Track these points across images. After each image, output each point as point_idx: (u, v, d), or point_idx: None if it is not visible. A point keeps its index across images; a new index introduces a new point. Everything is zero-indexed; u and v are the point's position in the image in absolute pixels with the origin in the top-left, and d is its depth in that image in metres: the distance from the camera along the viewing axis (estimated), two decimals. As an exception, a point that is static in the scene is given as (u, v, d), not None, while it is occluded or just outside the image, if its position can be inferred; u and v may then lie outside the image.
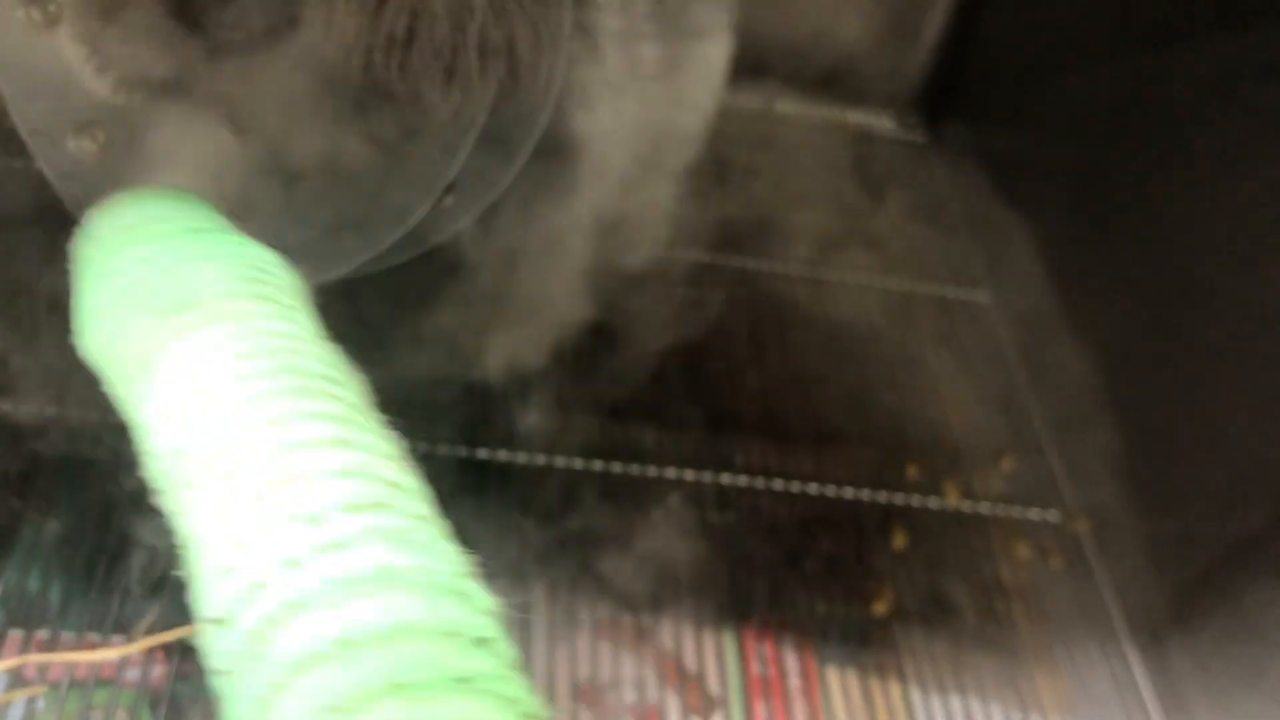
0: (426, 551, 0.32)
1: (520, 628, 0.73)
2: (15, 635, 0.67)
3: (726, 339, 0.97)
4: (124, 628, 0.69)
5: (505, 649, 0.31)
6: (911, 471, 0.87)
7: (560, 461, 0.83)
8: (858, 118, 1.24)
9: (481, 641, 0.30)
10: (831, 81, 1.22)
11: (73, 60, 0.57)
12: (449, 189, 0.63)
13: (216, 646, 0.31)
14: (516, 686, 0.29)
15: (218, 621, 0.31)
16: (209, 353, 0.38)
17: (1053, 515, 0.87)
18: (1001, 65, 1.14)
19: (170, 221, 0.46)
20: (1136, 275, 0.90)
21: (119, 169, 0.59)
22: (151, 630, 0.69)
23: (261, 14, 0.51)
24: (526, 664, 0.71)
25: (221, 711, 0.31)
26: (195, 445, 0.35)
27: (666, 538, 0.80)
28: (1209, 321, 0.80)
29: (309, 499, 0.32)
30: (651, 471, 0.84)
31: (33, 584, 0.70)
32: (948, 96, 1.22)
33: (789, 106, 1.23)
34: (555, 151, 0.69)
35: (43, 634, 0.68)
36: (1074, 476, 0.90)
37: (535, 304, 0.85)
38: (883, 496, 0.85)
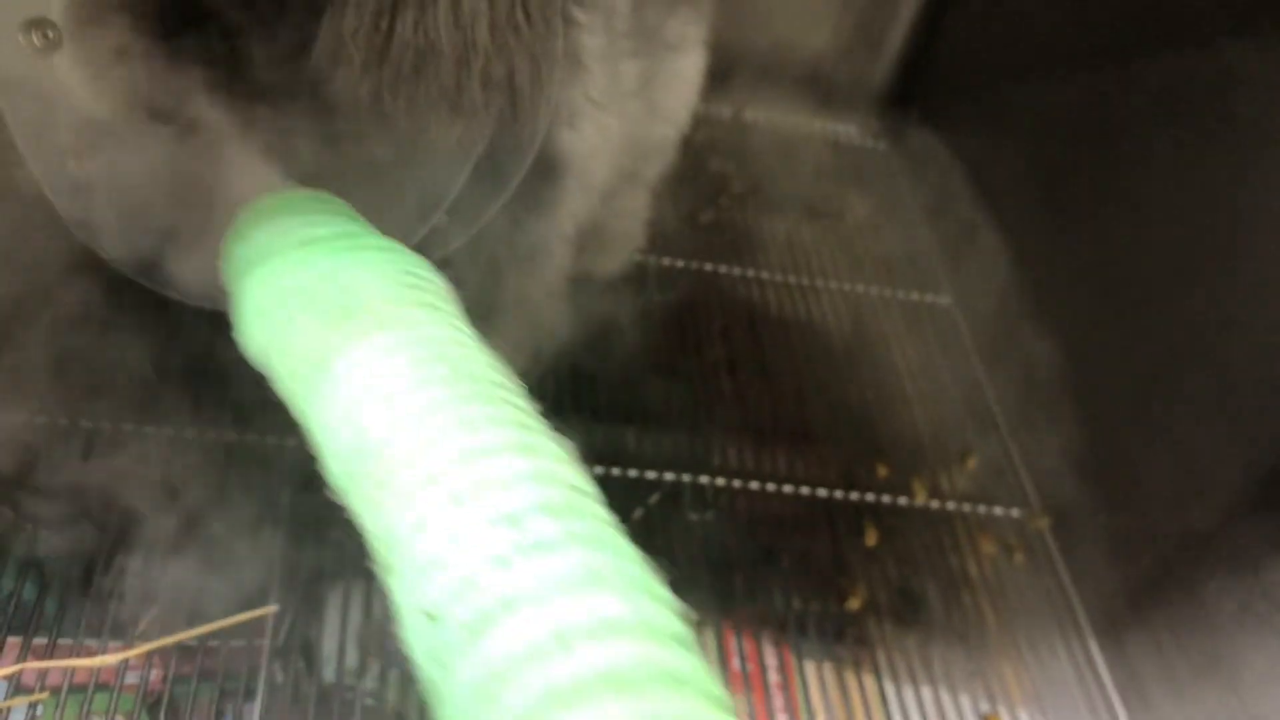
0: (618, 553, 0.34)
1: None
2: (13, 642, 0.68)
3: (700, 342, 0.99)
4: (121, 633, 0.70)
5: (697, 647, 0.32)
6: (882, 471, 0.90)
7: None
8: (824, 124, 1.27)
9: (680, 639, 0.32)
10: (799, 89, 1.25)
11: (73, 83, 0.58)
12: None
13: (425, 639, 0.33)
14: (717, 683, 0.31)
15: (429, 616, 0.33)
16: (385, 357, 0.40)
17: (1016, 512, 0.91)
18: (964, 72, 1.17)
19: (323, 225, 0.48)
20: (1096, 277, 0.93)
21: (119, 189, 0.60)
22: (147, 634, 0.70)
23: (269, 45, 0.52)
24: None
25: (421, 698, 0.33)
26: (386, 447, 0.37)
27: (646, 537, 0.82)
28: (1167, 322, 0.84)
29: (507, 501, 0.34)
30: (631, 473, 0.86)
31: (28, 591, 0.71)
32: (911, 103, 1.25)
33: (757, 113, 1.26)
34: (539, 166, 0.71)
35: (40, 640, 0.69)
36: (1036, 474, 0.94)
37: (516, 311, 0.87)
38: (854, 496, 0.88)
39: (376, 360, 0.40)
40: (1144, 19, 0.91)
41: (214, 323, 0.59)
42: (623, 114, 0.81)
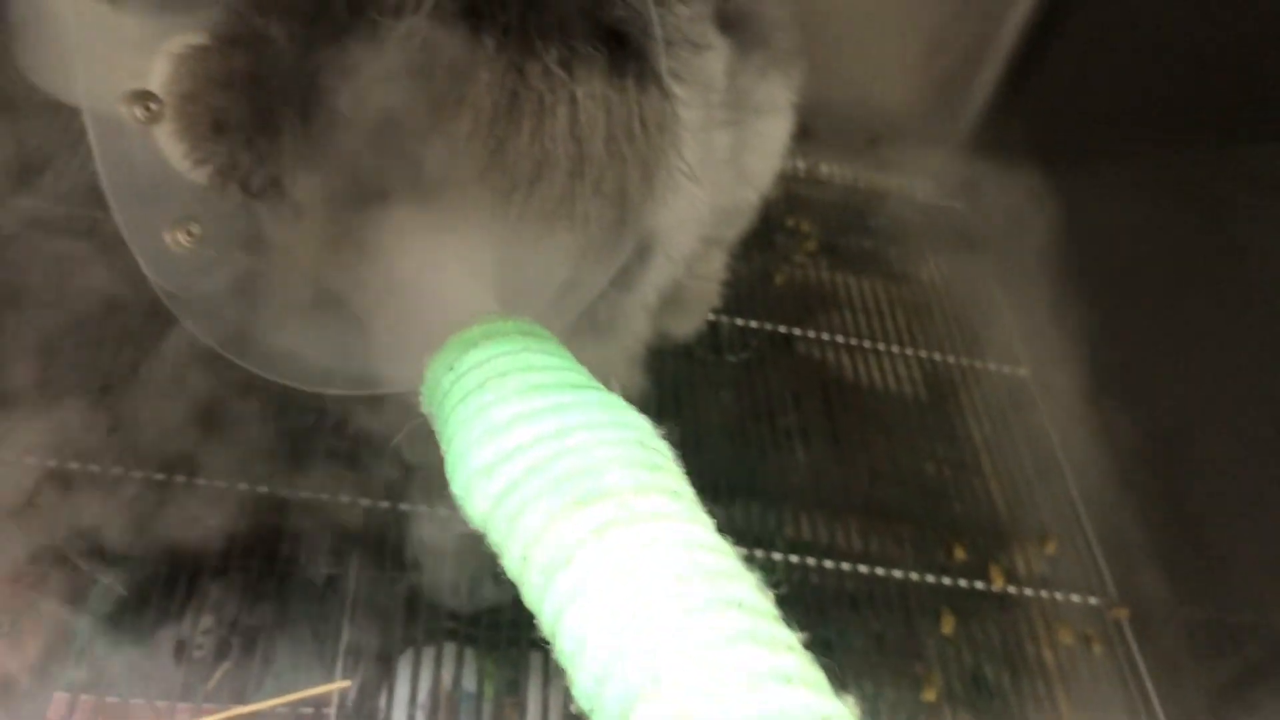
0: None
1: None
2: (87, 700, 0.68)
3: (773, 408, 0.98)
4: (191, 693, 0.69)
5: None
6: (959, 554, 0.88)
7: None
8: (902, 181, 1.25)
9: None
10: (877, 144, 1.24)
11: (172, 156, 0.58)
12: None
13: None
14: None
15: None
16: (635, 558, 0.37)
17: (1094, 600, 0.89)
18: (1047, 135, 1.15)
19: (543, 370, 0.45)
20: (1184, 357, 0.91)
21: (212, 263, 0.60)
22: (218, 694, 0.70)
23: (378, 133, 0.52)
24: None
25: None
26: (635, 659, 0.35)
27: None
28: (1260, 408, 0.81)
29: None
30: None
31: (101, 648, 0.70)
32: (991, 164, 1.23)
33: (833, 169, 1.24)
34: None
35: (113, 700, 0.68)
36: (1115, 561, 0.91)
37: (592, 375, 0.86)
38: (930, 578, 0.86)
39: (628, 561, 0.38)
40: (1242, 95, 0.89)
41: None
42: (712, 183, 0.80)
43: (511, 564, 0.41)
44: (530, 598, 0.40)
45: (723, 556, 0.39)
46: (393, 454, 0.78)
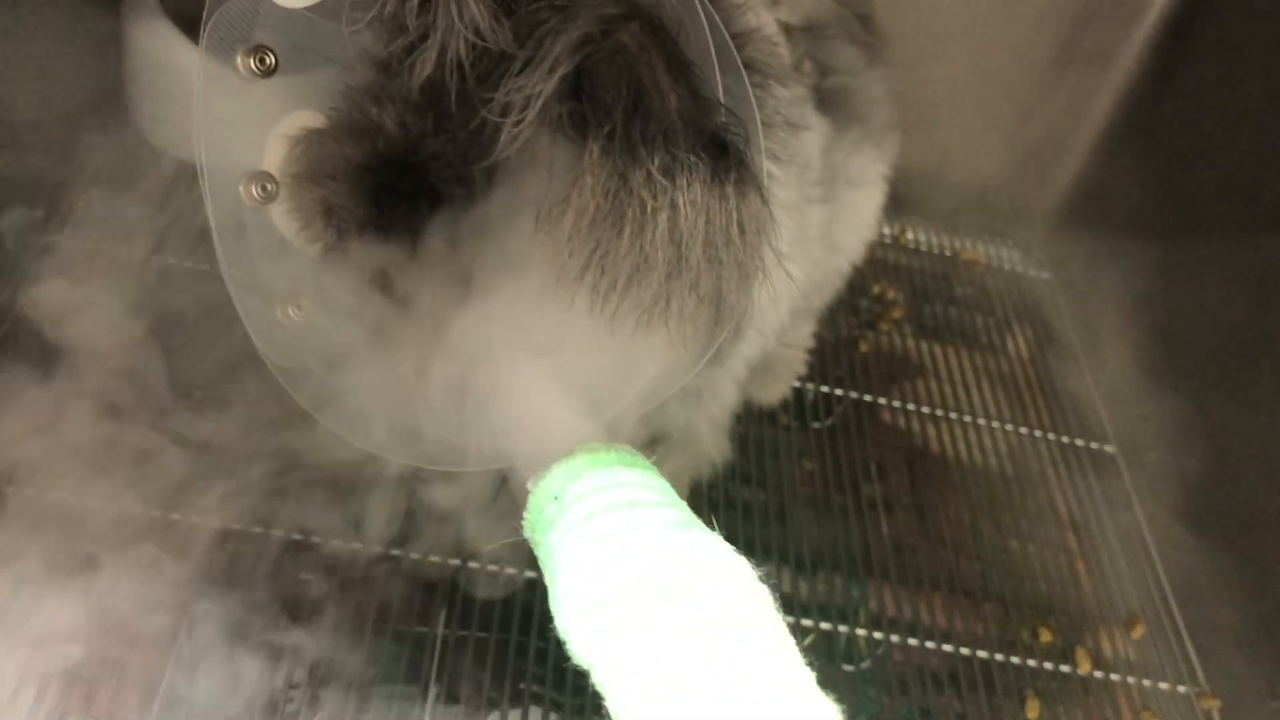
0: None
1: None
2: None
3: (856, 478, 0.97)
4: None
5: None
6: (1045, 636, 0.87)
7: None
8: (989, 249, 1.25)
9: None
10: (964, 212, 1.24)
11: (286, 231, 0.60)
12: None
13: None
14: None
15: None
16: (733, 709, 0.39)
17: (1183, 688, 0.87)
18: (1138, 214, 1.14)
19: (648, 507, 0.46)
20: (1272, 444, 0.89)
21: (320, 339, 0.62)
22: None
23: (482, 227, 0.53)
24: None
25: None
26: None
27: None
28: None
29: None
30: (786, 618, 0.84)
31: (195, 698, 0.72)
32: (1081, 235, 1.22)
33: (920, 235, 1.24)
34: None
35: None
36: (1205, 648, 0.89)
37: (680, 442, 0.87)
38: (1015, 659, 0.85)
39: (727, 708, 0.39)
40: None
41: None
42: (805, 258, 0.80)
43: (616, 700, 0.42)
44: None
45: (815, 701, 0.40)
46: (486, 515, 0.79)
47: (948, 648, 0.85)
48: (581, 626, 0.44)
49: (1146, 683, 0.87)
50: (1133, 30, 1.13)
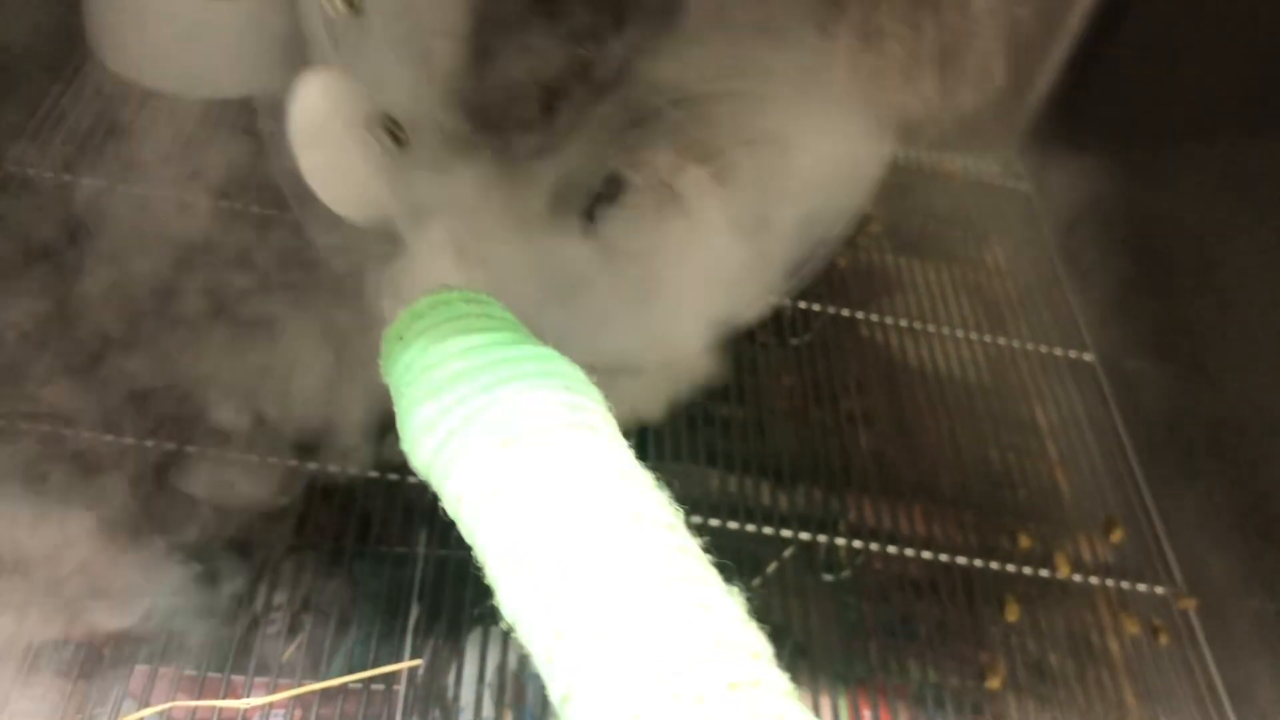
0: None
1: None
2: (165, 672, 0.70)
3: (835, 392, 0.97)
4: (266, 668, 0.71)
5: None
6: (1024, 541, 0.88)
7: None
8: (967, 163, 1.24)
9: None
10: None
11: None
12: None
13: None
14: None
15: None
16: (553, 487, 0.41)
17: (1161, 590, 0.88)
18: (1115, 118, 1.13)
19: (480, 333, 0.49)
20: (1249, 347, 0.89)
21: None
22: (290, 667, 0.71)
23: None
24: None
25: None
26: (558, 588, 0.39)
27: (780, 596, 0.81)
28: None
29: (694, 679, 0.35)
30: (766, 530, 0.85)
31: (179, 623, 0.72)
32: (1058, 145, 1.21)
33: (897, 150, 1.23)
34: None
35: (190, 673, 0.70)
36: (1183, 550, 0.90)
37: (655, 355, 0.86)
38: (995, 565, 0.86)
39: (545, 491, 0.41)
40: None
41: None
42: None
43: (449, 504, 0.45)
44: (465, 533, 0.44)
45: (638, 482, 0.43)
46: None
47: (927, 555, 0.86)
48: (419, 441, 0.46)
49: (1125, 585, 0.87)
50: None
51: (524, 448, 0.43)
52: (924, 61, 0.49)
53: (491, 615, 0.76)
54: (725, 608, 0.38)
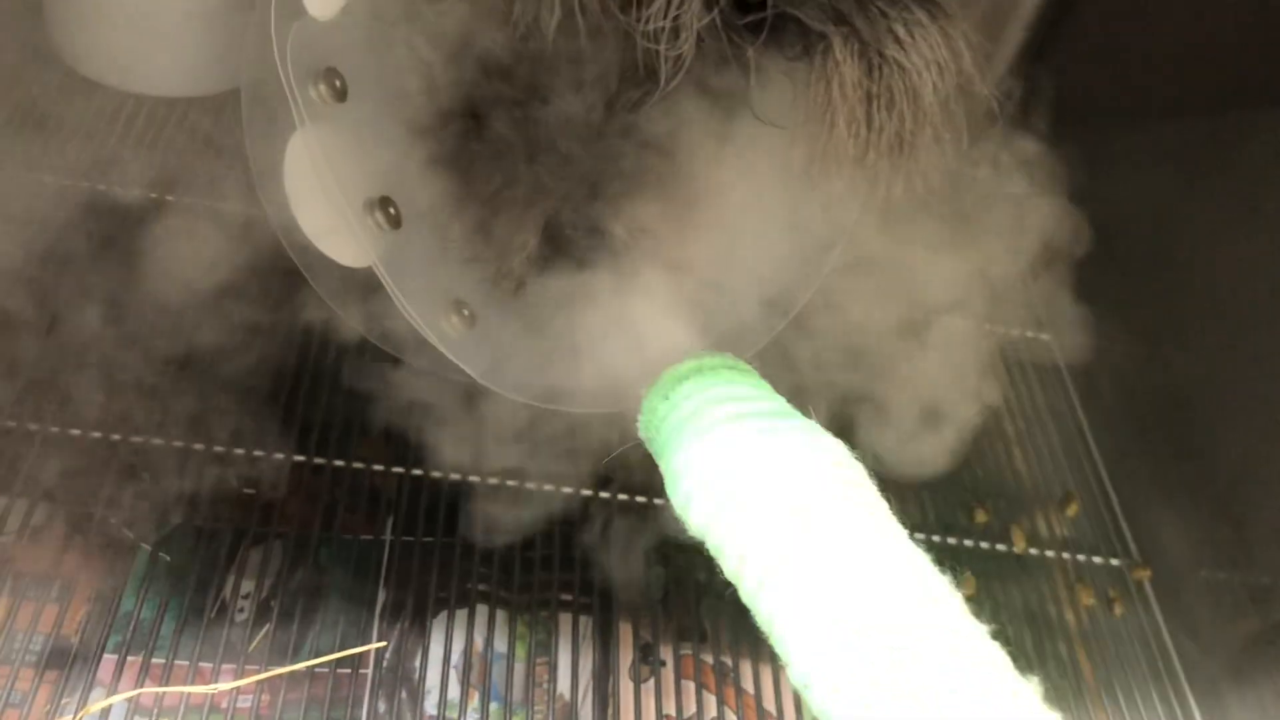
0: None
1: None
2: (133, 660, 0.71)
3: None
4: (234, 654, 0.72)
5: None
6: (980, 516, 0.90)
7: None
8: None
9: None
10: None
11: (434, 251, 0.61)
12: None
13: None
14: None
15: None
16: (847, 560, 0.43)
17: (1116, 561, 0.90)
18: (1066, 102, 1.15)
19: (747, 400, 0.50)
20: (1201, 321, 0.92)
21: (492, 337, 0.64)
22: (258, 655, 0.72)
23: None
24: (613, 695, 0.74)
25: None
26: (862, 659, 0.40)
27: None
28: (1274, 369, 0.82)
29: None
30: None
31: (147, 611, 0.73)
32: (1013, 128, 1.23)
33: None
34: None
35: (159, 660, 0.71)
36: (1137, 522, 0.92)
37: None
38: (952, 540, 0.88)
39: (837, 559, 0.43)
40: (1262, 67, 0.89)
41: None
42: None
43: (729, 570, 0.46)
44: (747, 595, 0.45)
45: (923, 561, 0.46)
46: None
47: (886, 533, 0.87)
48: (694, 502, 0.48)
49: (1080, 557, 0.89)
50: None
51: (811, 517, 0.44)
52: (879, 149, 0.51)
53: (456, 600, 0.77)
54: (1021, 691, 0.41)
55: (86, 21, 1.00)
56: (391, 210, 0.58)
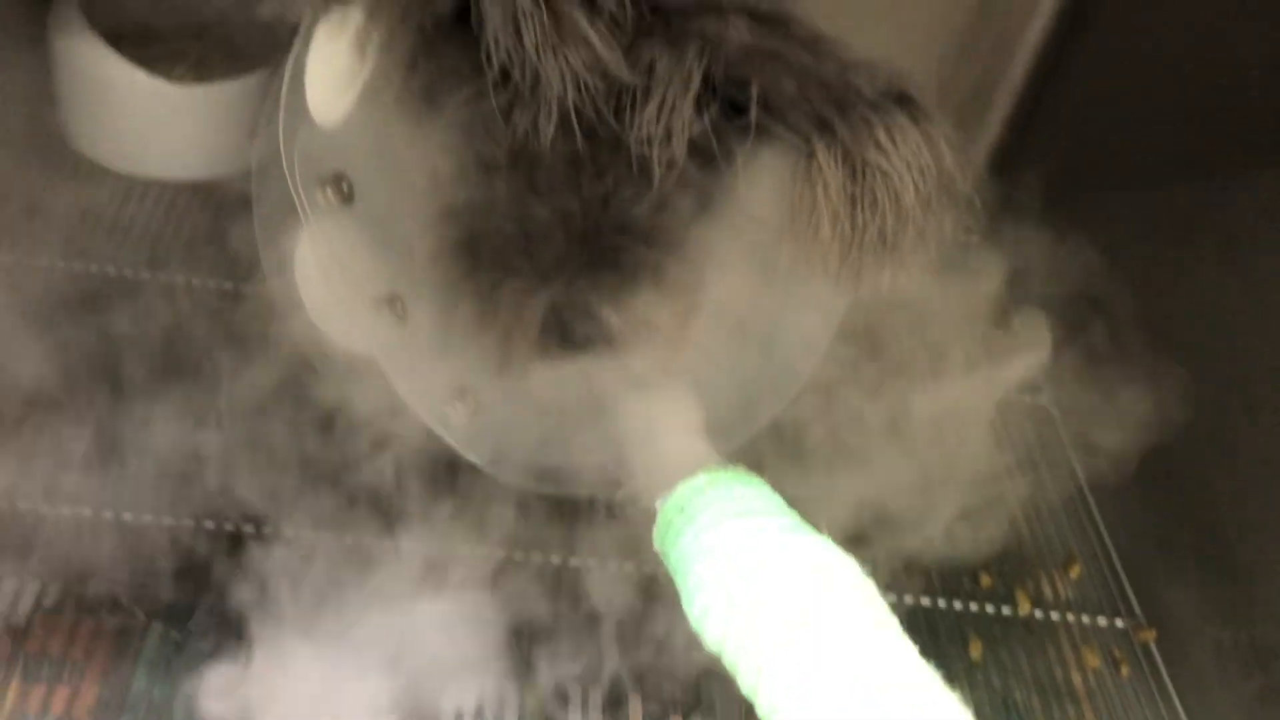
0: None
1: None
2: (145, 743, 0.71)
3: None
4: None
5: None
6: (985, 580, 0.90)
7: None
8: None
9: None
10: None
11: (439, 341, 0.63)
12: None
13: None
14: None
15: None
16: (860, 680, 0.44)
17: (1120, 622, 0.90)
18: (1055, 173, 1.17)
19: (762, 515, 0.52)
20: (1198, 382, 0.92)
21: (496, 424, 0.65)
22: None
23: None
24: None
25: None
26: None
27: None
28: (1272, 427, 0.83)
29: None
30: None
31: (159, 693, 0.73)
32: (1008, 197, 1.25)
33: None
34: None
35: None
36: (1140, 583, 0.93)
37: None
38: (958, 605, 0.88)
39: (849, 679, 0.44)
40: (1255, 130, 0.91)
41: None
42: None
43: (745, 685, 0.48)
44: (764, 711, 0.47)
45: (932, 680, 0.47)
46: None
47: (891, 597, 0.87)
48: (711, 617, 0.50)
49: (1085, 619, 0.90)
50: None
51: (822, 634, 0.46)
52: (862, 248, 0.54)
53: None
54: None
55: (96, 110, 1.02)
56: (398, 307, 0.60)
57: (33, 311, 0.88)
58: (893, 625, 0.48)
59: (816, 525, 0.54)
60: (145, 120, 1.02)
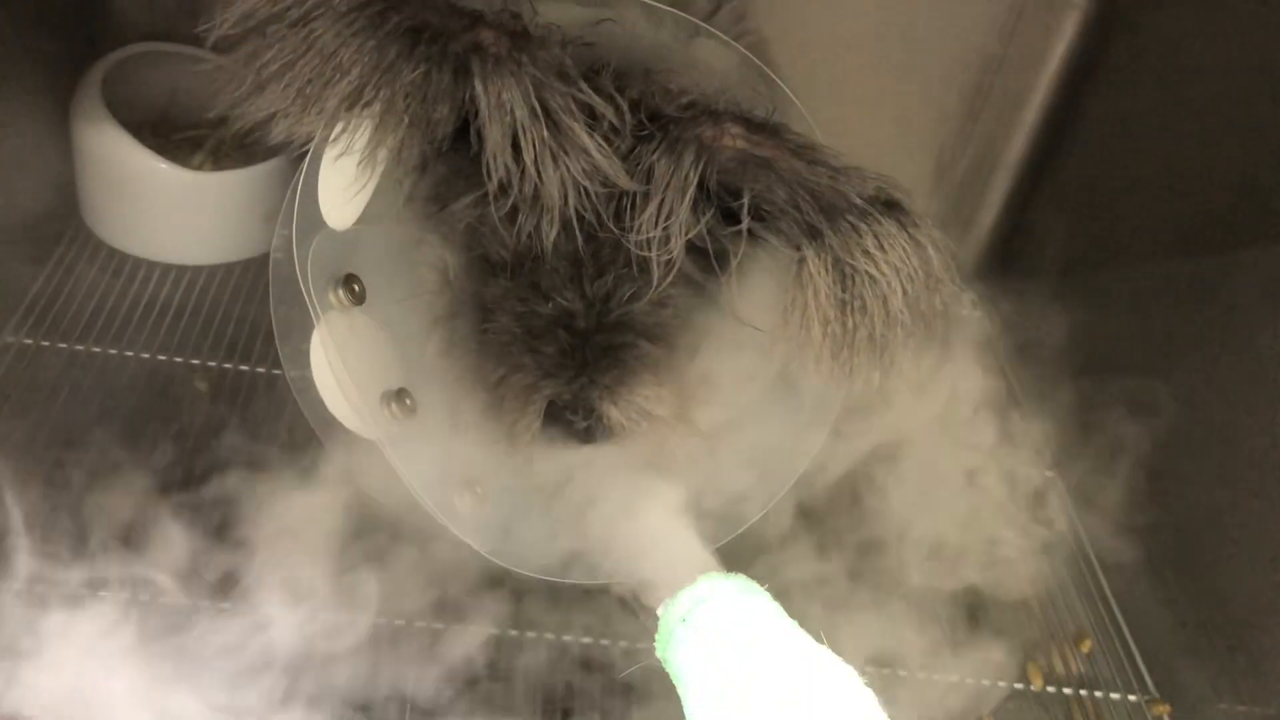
0: None
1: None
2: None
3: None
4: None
5: None
6: (996, 655, 0.90)
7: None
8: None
9: None
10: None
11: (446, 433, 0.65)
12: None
13: None
14: None
15: None
16: None
17: (1134, 698, 0.89)
18: (1055, 252, 1.19)
19: (764, 625, 0.52)
20: (1205, 455, 0.93)
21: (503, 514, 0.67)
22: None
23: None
24: None
25: None
26: None
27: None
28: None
29: None
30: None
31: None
32: (1006, 280, 1.27)
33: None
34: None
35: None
36: (1152, 657, 0.92)
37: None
38: (969, 681, 0.88)
39: None
40: (1249, 206, 0.93)
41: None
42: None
43: None
44: None
45: None
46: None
47: (903, 673, 0.88)
48: None
49: (1098, 694, 0.89)
50: (1040, 73, 1.19)
51: None
52: (852, 349, 0.56)
53: None
54: None
55: (117, 197, 1.05)
56: (407, 401, 0.62)
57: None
58: None
59: (816, 637, 0.53)
60: (165, 208, 1.05)
